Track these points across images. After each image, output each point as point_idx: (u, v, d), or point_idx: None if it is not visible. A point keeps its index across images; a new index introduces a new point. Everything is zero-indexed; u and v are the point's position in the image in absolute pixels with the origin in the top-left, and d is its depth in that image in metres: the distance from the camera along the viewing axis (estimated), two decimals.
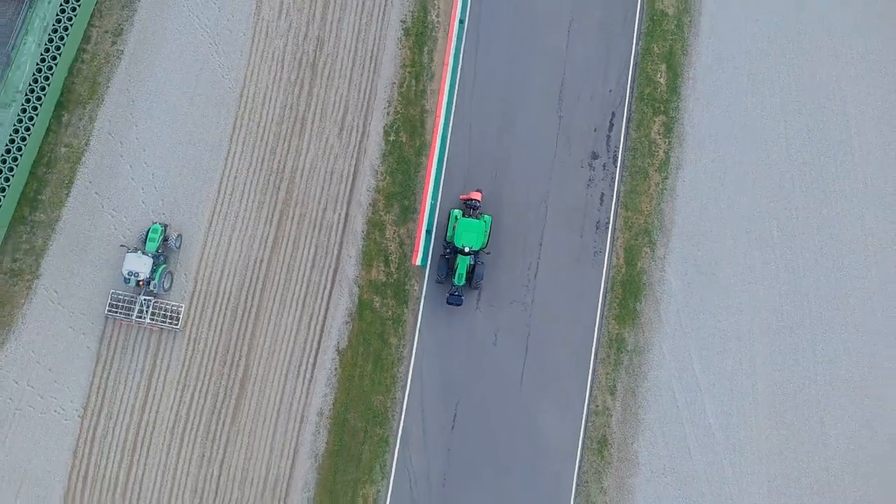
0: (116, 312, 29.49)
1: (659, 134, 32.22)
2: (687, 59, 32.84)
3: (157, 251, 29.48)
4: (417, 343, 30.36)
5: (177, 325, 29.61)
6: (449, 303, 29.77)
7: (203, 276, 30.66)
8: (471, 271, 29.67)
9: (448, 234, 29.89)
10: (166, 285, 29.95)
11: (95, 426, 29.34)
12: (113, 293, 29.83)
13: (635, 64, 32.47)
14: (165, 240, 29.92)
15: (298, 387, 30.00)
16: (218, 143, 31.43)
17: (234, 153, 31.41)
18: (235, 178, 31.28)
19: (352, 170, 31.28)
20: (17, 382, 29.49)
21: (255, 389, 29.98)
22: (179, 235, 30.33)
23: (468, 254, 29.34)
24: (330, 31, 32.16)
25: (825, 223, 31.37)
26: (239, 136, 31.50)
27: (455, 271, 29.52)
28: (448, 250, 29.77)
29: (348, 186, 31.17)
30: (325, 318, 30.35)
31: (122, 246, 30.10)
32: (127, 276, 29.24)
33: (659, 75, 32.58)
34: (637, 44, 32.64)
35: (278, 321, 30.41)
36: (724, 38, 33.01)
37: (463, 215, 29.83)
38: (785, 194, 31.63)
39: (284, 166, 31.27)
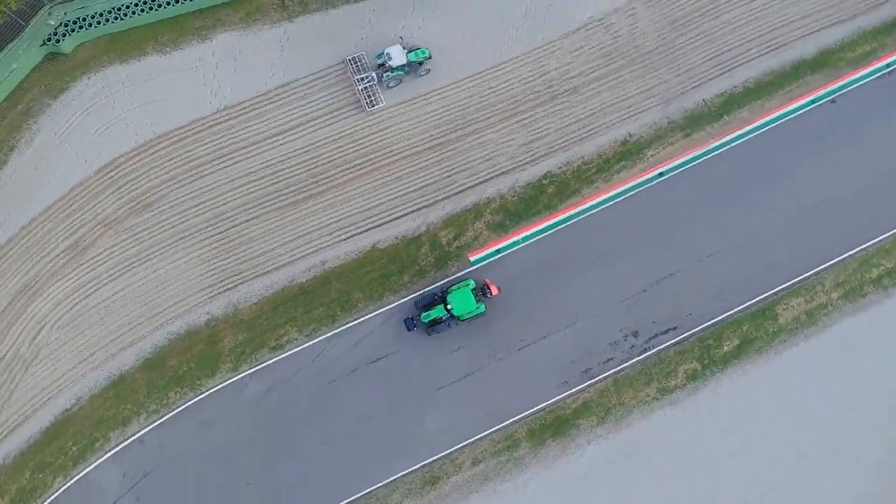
0: (352, 65, 36.18)
1: (685, 371, 36.22)
2: (756, 357, 36.40)
3: (411, 62, 35.77)
4: (414, 298, 35.49)
5: (370, 107, 35.95)
6: (404, 322, 34.46)
7: (399, 111, 36.60)
8: (437, 322, 34.15)
9: (451, 287, 34.59)
10: (391, 84, 36.29)
11: (220, 122, 35.95)
12: (360, 54, 36.31)
13: (722, 319, 36.47)
14: (420, 63, 36.20)
15: (332, 236, 35.88)
16: (485, 55, 37.24)
17: (484, 76, 37.09)
18: (461, 86, 36.94)
19: (501, 170, 36.84)
20: (213, 55, 36.78)
21: (314, 208, 35.96)
22: (429, 70, 36.53)
23: (447, 311, 34.00)
24: (585, 92, 37.60)
25: None
26: (495, 72, 37.16)
27: (429, 309, 34.21)
28: (440, 294, 34.51)
29: (488, 175, 36.73)
30: (391, 221, 36.15)
31: (400, 38, 36.59)
32: (383, 53, 35.78)
33: (728, 344, 36.51)
34: (738, 310, 36.54)
35: (376, 188, 36.26)
36: (790, 376, 36.16)
37: (472, 290, 34.22)
38: None
39: (473, 122, 37.03)
